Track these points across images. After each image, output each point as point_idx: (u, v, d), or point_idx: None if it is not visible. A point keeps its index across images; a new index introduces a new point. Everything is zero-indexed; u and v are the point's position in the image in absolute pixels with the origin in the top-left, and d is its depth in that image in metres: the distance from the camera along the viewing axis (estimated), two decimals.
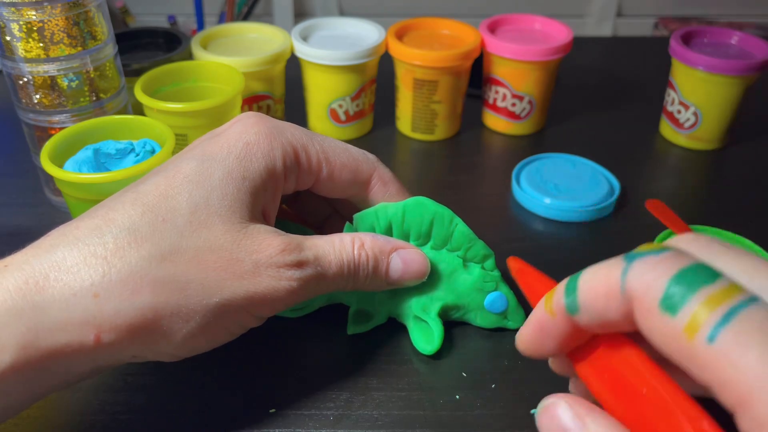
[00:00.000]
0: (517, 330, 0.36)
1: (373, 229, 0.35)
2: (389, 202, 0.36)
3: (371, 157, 0.36)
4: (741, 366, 0.16)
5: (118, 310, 0.26)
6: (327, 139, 0.34)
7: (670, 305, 0.18)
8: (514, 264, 0.29)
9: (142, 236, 0.27)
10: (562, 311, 0.22)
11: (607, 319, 0.20)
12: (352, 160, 0.34)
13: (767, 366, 0.16)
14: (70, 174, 0.36)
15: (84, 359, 0.26)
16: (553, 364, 0.26)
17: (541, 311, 0.23)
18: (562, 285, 0.22)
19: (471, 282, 0.35)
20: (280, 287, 0.29)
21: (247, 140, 0.31)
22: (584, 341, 0.23)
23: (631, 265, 0.19)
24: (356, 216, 0.35)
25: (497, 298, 0.36)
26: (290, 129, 0.33)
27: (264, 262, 0.29)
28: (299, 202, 0.39)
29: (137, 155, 0.39)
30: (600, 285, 0.20)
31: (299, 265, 0.30)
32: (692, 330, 0.17)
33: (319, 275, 0.31)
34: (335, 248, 0.32)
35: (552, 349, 0.23)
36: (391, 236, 0.35)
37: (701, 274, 0.18)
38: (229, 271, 0.28)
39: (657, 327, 0.18)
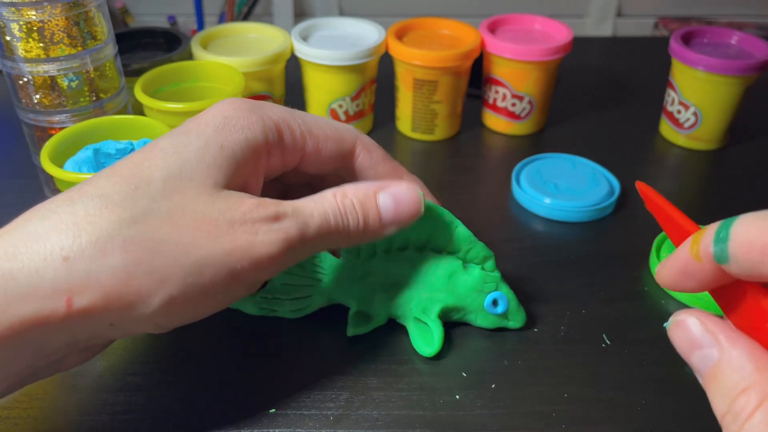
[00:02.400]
0: (517, 330, 0.37)
1: None
2: (376, 169, 0.35)
3: (352, 128, 0.35)
4: None
5: (88, 271, 0.25)
6: (307, 114, 0.34)
7: None
8: (642, 188, 0.29)
9: (114, 203, 0.27)
10: (709, 258, 0.22)
11: (761, 272, 0.20)
12: (334, 131, 0.34)
13: None
14: (69, 174, 0.36)
15: (58, 329, 0.26)
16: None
17: (685, 253, 0.23)
18: (711, 231, 0.22)
19: (471, 283, 0.35)
20: (258, 242, 0.28)
21: (226, 115, 0.30)
22: (728, 282, 0.23)
23: None
24: None
25: (498, 298, 0.36)
26: (270, 106, 0.32)
27: (239, 219, 0.28)
28: (287, 195, 0.38)
29: None
30: (756, 238, 0.20)
31: (276, 217, 0.29)
32: None
33: (301, 229, 0.29)
34: (315, 201, 0.30)
35: (692, 289, 0.24)
36: (391, 239, 0.35)
37: None
38: (203, 230, 0.27)
39: None
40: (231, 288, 0.29)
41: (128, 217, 0.26)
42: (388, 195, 0.32)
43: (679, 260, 0.24)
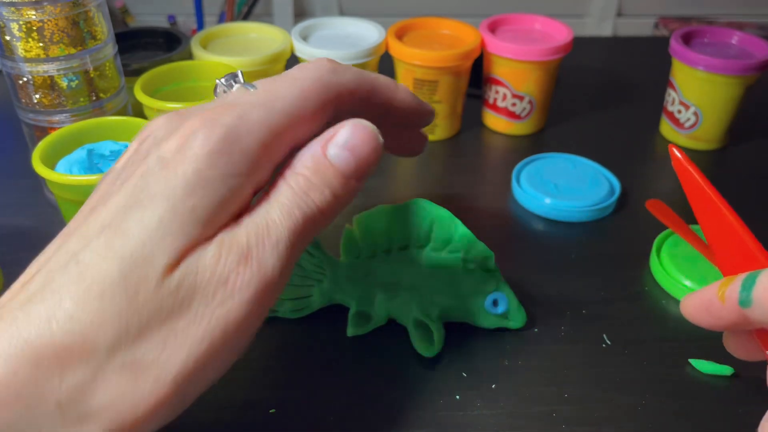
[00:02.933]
0: (518, 330, 0.37)
1: (372, 232, 0.35)
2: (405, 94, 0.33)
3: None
4: None
5: None
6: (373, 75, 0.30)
7: None
8: (676, 154, 0.31)
9: None
10: (733, 303, 0.24)
11: None
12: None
13: None
14: (58, 175, 0.36)
15: None
16: (727, 343, 0.29)
17: (712, 293, 0.26)
18: (739, 278, 0.25)
19: (471, 283, 0.35)
20: (232, 310, 0.24)
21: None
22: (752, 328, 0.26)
23: None
24: (356, 218, 0.35)
25: (498, 299, 0.36)
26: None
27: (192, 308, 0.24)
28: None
29: None
30: None
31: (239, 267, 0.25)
32: None
33: (270, 269, 0.25)
34: (271, 207, 0.26)
35: (712, 326, 0.26)
36: (391, 239, 0.35)
37: None
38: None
39: None
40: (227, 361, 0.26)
41: None
42: (337, 146, 0.27)
43: (705, 298, 0.26)
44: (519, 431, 0.31)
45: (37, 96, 0.42)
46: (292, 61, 0.54)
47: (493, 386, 0.34)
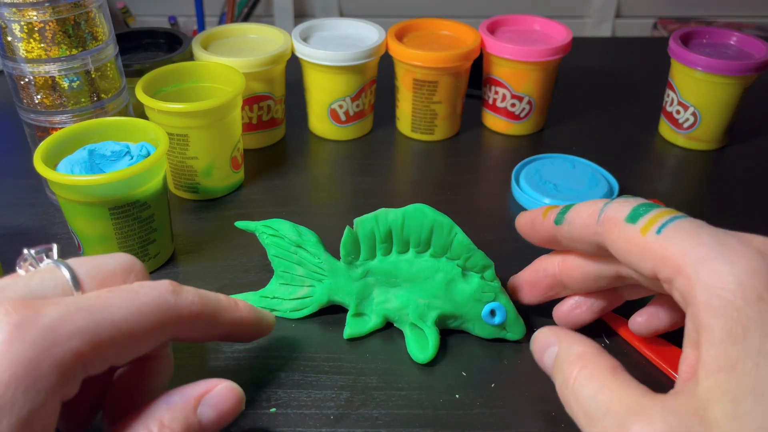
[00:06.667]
0: (516, 342, 0.37)
1: (372, 235, 0.35)
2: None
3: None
4: (677, 244, 0.25)
5: None
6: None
7: (633, 217, 0.27)
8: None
9: None
10: (550, 221, 0.32)
11: (579, 234, 0.30)
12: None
13: (692, 244, 0.24)
14: (60, 175, 0.36)
15: None
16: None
17: (539, 212, 0.33)
18: (560, 206, 0.32)
19: (469, 292, 0.35)
20: None
21: None
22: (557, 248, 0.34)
23: (610, 202, 0.29)
24: (356, 220, 0.35)
25: (495, 309, 0.35)
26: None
27: None
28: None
29: (131, 158, 0.39)
30: (585, 210, 0.30)
31: None
32: (646, 229, 0.26)
33: None
34: None
35: (531, 239, 0.34)
36: (391, 243, 0.36)
37: (654, 205, 0.27)
38: None
39: (621, 234, 0.27)
40: None
41: None
42: (209, 407, 0.27)
43: (533, 215, 0.34)
44: (519, 431, 0.32)
45: (39, 96, 0.42)
46: (293, 61, 0.54)
47: (493, 386, 0.34)
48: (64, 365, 0.22)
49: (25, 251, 0.27)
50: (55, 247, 0.27)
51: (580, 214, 0.30)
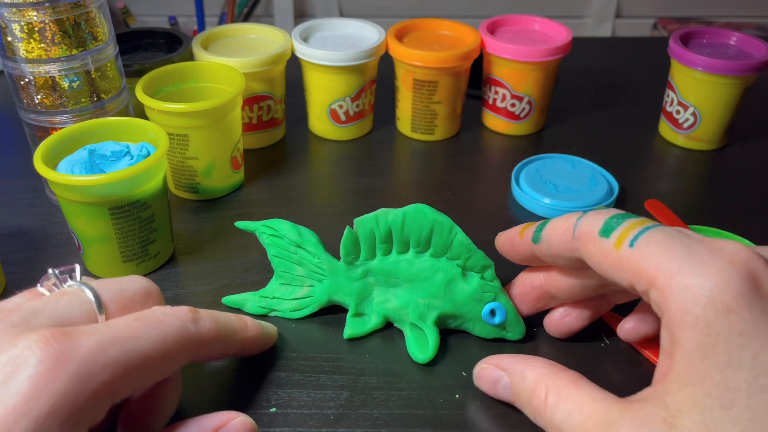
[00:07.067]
0: (516, 342, 0.37)
1: (372, 235, 0.35)
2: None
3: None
4: (651, 257, 0.25)
5: None
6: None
7: (605, 231, 0.27)
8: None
9: None
10: (528, 240, 0.32)
11: (557, 251, 0.30)
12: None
13: (665, 258, 0.25)
14: (60, 175, 0.36)
15: None
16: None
17: (517, 231, 0.33)
18: (537, 223, 0.32)
19: (469, 292, 0.35)
20: None
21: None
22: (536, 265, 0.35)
23: (583, 216, 0.29)
24: (356, 221, 0.35)
25: (495, 309, 0.35)
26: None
27: None
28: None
29: (132, 158, 0.39)
30: (560, 226, 0.30)
31: None
32: (619, 243, 0.27)
33: None
34: None
35: (512, 258, 0.35)
36: (391, 243, 0.36)
37: (626, 216, 0.28)
38: None
39: (596, 249, 0.28)
40: None
41: None
42: None
43: (511, 235, 0.34)
44: (519, 430, 0.32)
45: (39, 96, 0.42)
46: (293, 61, 0.55)
47: None
48: (96, 396, 0.23)
49: (50, 271, 0.27)
50: (77, 267, 0.28)
51: (555, 230, 0.30)
